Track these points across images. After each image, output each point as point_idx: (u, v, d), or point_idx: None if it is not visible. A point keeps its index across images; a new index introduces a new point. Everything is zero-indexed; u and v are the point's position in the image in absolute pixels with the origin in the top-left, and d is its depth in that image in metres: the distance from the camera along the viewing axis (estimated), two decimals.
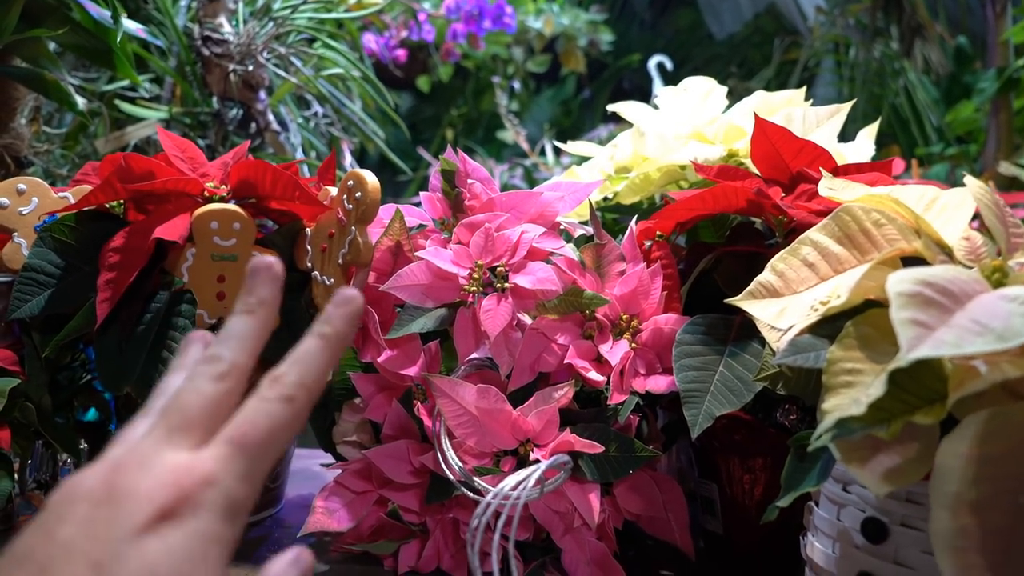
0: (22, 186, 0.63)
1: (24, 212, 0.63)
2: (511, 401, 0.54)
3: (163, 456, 0.24)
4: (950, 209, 0.43)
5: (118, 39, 0.73)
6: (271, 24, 1.03)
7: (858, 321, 0.38)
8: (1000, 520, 0.33)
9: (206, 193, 0.62)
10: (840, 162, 0.61)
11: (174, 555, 0.23)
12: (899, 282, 0.34)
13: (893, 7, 2.23)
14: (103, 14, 0.74)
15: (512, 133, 2.07)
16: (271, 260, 0.29)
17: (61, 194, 0.65)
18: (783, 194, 0.58)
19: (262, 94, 1.05)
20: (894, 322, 0.33)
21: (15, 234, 0.63)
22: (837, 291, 0.42)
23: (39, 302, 0.58)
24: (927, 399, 0.36)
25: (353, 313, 0.29)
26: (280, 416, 0.26)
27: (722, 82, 0.75)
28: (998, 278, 0.38)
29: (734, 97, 0.74)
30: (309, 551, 0.30)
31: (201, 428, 0.25)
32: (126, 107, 1.00)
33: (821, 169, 0.55)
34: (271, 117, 1.06)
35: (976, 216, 0.43)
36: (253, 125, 1.04)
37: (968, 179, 0.43)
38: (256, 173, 0.62)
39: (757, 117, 0.59)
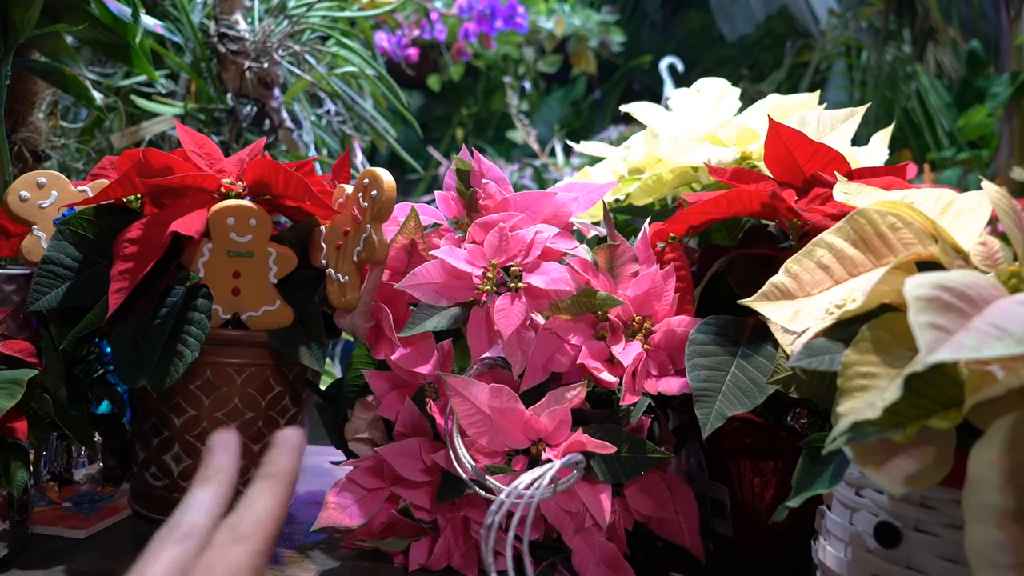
0: (42, 179, 0.64)
1: (44, 205, 0.63)
2: (523, 401, 0.55)
3: None
4: (966, 213, 0.43)
5: (138, 36, 0.74)
6: (286, 22, 1.04)
7: (874, 325, 0.38)
8: None
9: (223, 189, 0.63)
10: (853, 166, 0.61)
11: None
12: (917, 286, 0.34)
13: (906, 10, 2.22)
14: (122, 10, 0.75)
15: (522, 133, 2.08)
16: (227, 435, 0.31)
17: (80, 188, 0.65)
18: (797, 197, 0.58)
19: (276, 91, 1.05)
20: (912, 326, 0.33)
21: (35, 227, 0.63)
22: (852, 295, 0.42)
23: (57, 295, 0.58)
24: (943, 404, 0.36)
25: (292, 447, 0.31)
26: (235, 557, 0.28)
27: (733, 84, 0.75)
28: (1015, 283, 0.38)
29: (745, 100, 0.74)
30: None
31: None
32: (142, 103, 1.01)
33: (836, 173, 0.55)
34: (285, 114, 1.06)
35: (990, 221, 0.43)
36: (267, 122, 1.05)
37: (985, 184, 0.43)
38: (269, 173, 0.62)
39: (771, 120, 0.59)
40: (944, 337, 0.32)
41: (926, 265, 0.41)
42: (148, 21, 0.79)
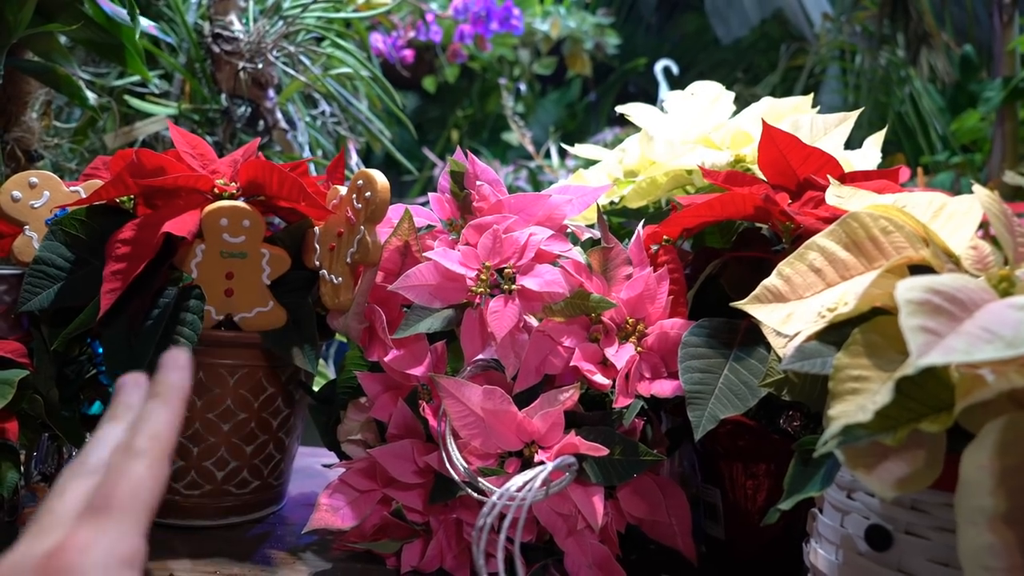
0: (34, 179, 0.63)
1: (36, 205, 0.63)
2: (517, 403, 0.55)
3: (31, 551, 0.25)
4: (957, 217, 0.44)
5: (136, 36, 0.74)
6: (281, 23, 1.04)
7: (865, 328, 0.38)
8: None
9: (216, 190, 0.63)
10: (847, 169, 0.61)
11: None
12: (908, 290, 0.34)
13: (900, 15, 2.23)
14: (115, 10, 0.75)
15: (517, 135, 2.08)
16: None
17: (72, 188, 0.65)
18: (790, 200, 0.58)
19: (271, 92, 1.05)
20: (904, 329, 0.33)
21: (26, 227, 0.63)
22: (844, 298, 0.42)
23: (49, 295, 0.58)
24: (934, 407, 0.36)
25: (180, 365, 0.31)
26: (133, 471, 0.27)
27: (728, 87, 0.76)
28: (1005, 287, 0.39)
29: (740, 103, 0.74)
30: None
31: (70, 517, 0.27)
32: (135, 103, 1.00)
33: (828, 176, 0.55)
34: (279, 115, 1.06)
35: (982, 225, 0.44)
36: (261, 123, 1.05)
37: (976, 187, 0.43)
38: (264, 174, 0.62)
39: (765, 124, 0.59)
40: (935, 340, 0.32)
41: (918, 269, 0.42)
42: (142, 22, 0.79)
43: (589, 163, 0.82)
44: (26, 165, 0.81)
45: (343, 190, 0.63)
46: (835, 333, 0.41)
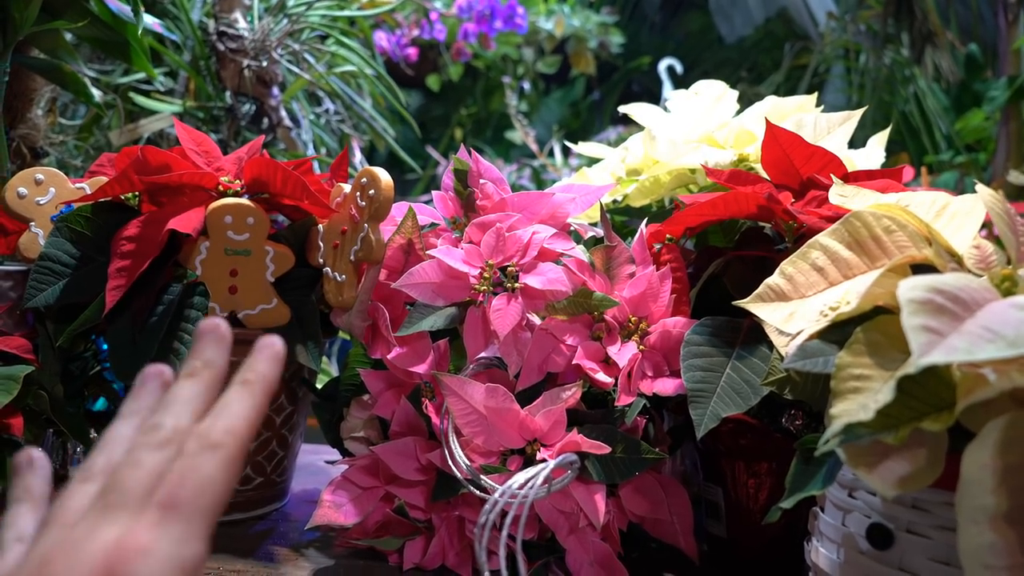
0: (40, 176, 0.64)
1: (41, 202, 0.64)
2: (519, 401, 0.55)
3: (94, 538, 0.23)
4: (960, 217, 0.44)
5: (139, 32, 0.74)
6: (285, 21, 1.04)
7: (867, 327, 0.38)
8: None
9: (221, 187, 0.63)
10: (850, 168, 0.61)
11: None
12: (911, 289, 0.34)
13: (904, 14, 2.22)
14: (121, 8, 0.75)
15: (521, 133, 2.08)
16: (217, 322, 0.29)
17: (78, 185, 0.65)
18: (793, 200, 0.58)
19: (275, 90, 1.05)
20: (905, 328, 0.33)
21: (32, 223, 0.63)
22: (847, 297, 0.43)
23: (54, 291, 0.58)
24: (935, 406, 0.36)
25: (274, 356, 0.29)
26: (208, 467, 0.25)
27: (732, 86, 0.75)
28: (1008, 287, 0.39)
29: (743, 102, 0.74)
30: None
31: (141, 501, 0.24)
32: (140, 100, 1.01)
33: (832, 175, 0.55)
34: (283, 113, 1.06)
35: (985, 225, 0.44)
36: (265, 120, 1.05)
37: (980, 187, 0.43)
38: (268, 172, 0.62)
39: (769, 123, 0.59)
40: (937, 340, 0.33)
41: (920, 268, 0.42)
42: (147, 19, 0.79)
43: (593, 161, 0.82)
44: (32, 162, 0.82)
45: (347, 188, 0.63)
46: (837, 332, 0.41)
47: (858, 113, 0.66)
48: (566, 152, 2.08)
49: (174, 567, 0.23)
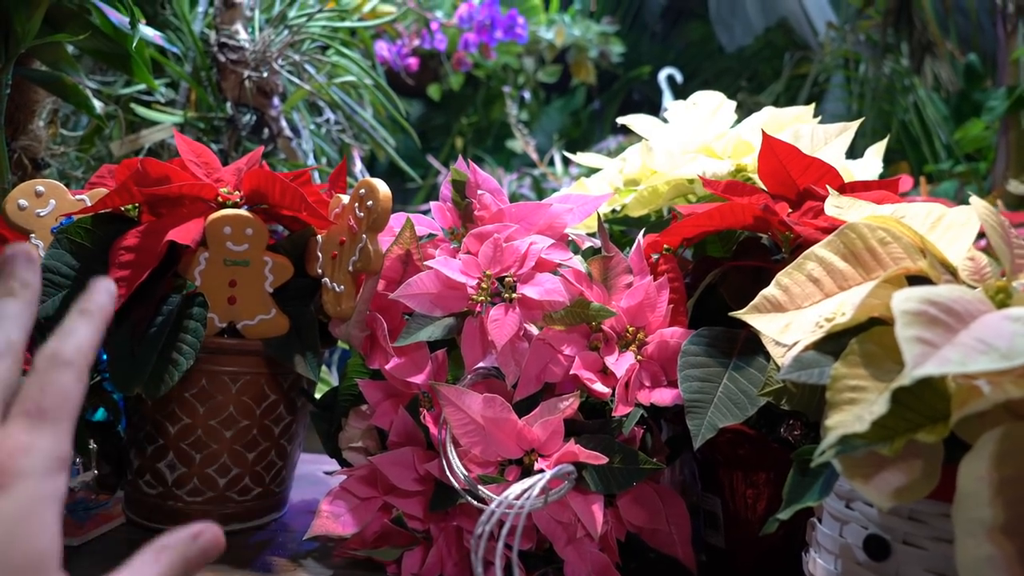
0: (40, 188, 0.64)
1: (42, 214, 0.64)
2: (517, 411, 0.55)
3: None
4: (955, 228, 0.44)
5: (135, 44, 0.75)
6: (286, 32, 1.04)
7: (862, 339, 0.38)
8: None
9: (220, 198, 0.63)
10: (848, 179, 0.62)
11: (7, 519, 0.26)
12: (904, 300, 0.34)
13: (904, 24, 2.23)
14: (122, 20, 0.76)
15: (521, 143, 2.09)
16: (26, 246, 0.32)
17: (78, 197, 0.65)
18: (790, 210, 0.58)
19: (276, 100, 1.06)
20: (899, 340, 0.33)
21: (32, 235, 0.64)
22: (842, 308, 0.43)
23: (54, 303, 0.59)
24: (930, 418, 0.36)
25: (107, 290, 0.32)
26: (64, 379, 0.28)
27: (732, 96, 0.76)
28: (1002, 298, 0.39)
29: (743, 111, 0.74)
30: (216, 530, 0.32)
31: None
32: (142, 111, 1.01)
33: (828, 187, 0.55)
34: (284, 123, 1.07)
35: (981, 235, 0.44)
36: (266, 131, 1.05)
37: (974, 199, 0.44)
38: (266, 183, 0.63)
39: (765, 134, 0.59)
40: (931, 351, 0.33)
41: (915, 279, 0.42)
42: (147, 32, 0.80)
43: (592, 171, 0.82)
44: (33, 173, 0.82)
45: (345, 199, 0.63)
46: (833, 343, 0.41)
47: (855, 124, 0.67)
48: (566, 161, 2.09)
49: (53, 459, 0.27)
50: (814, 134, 0.67)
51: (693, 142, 0.73)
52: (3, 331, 0.29)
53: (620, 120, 0.77)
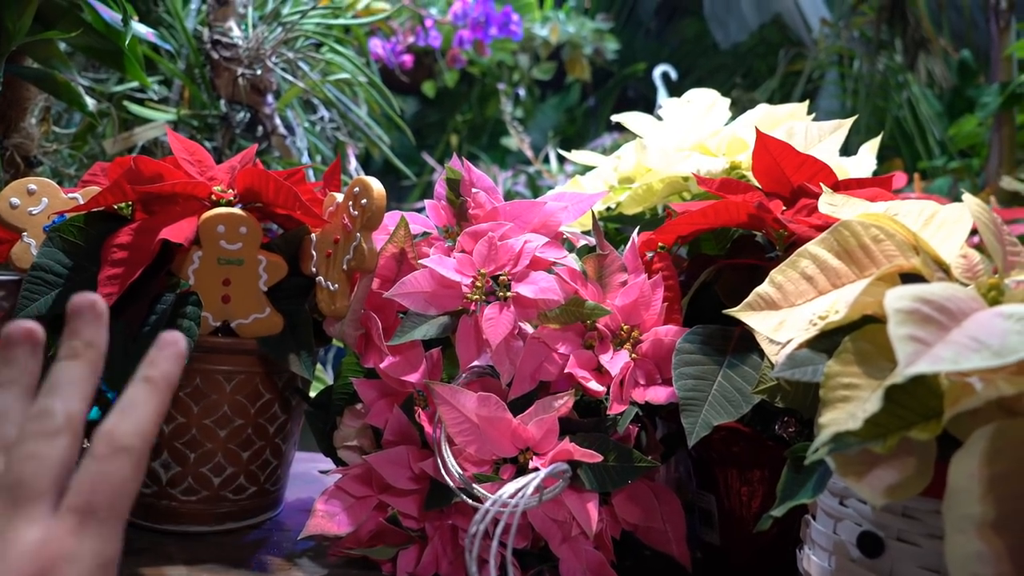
0: (32, 186, 0.64)
1: (34, 212, 0.64)
2: (511, 409, 0.55)
3: (17, 536, 0.24)
4: (948, 226, 0.44)
5: (127, 41, 0.74)
6: (280, 29, 1.04)
7: (856, 337, 0.38)
8: (1015, 542, 0.32)
9: (213, 197, 0.63)
10: (842, 176, 0.62)
11: None
12: (897, 299, 0.34)
13: (897, 20, 2.23)
14: (114, 17, 0.75)
15: (516, 140, 2.08)
16: (93, 299, 0.28)
17: (71, 195, 0.65)
18: (784, 208, 0.59)
19: (270, 98, 1.05)
20: (892, 338, 0.33)
21: (24, 234, 0.63)
22: (835, 306, 0.43)
23: (47, 302, 0.58)
24: (923, 415, 0.36)
25: (177, 353, 0.28)
26: (120, 471, 0.26)
27: (726, 92, 0.76)
28: (994, 296, 0.39)
29: (738, 107, 0.74)
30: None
31: (50, 494, 0.25)
32: (135, 108, 1.01)
33: (821, 184, 0.55)
34: (278, 121, 1.06)
35: (974, 232, 0.44)
36: (260, 129, 1.05)
37: (966, 196, 0.44)
38: (260, 182, 0.63)
39: (759, 132, 0.59)
40: (923, 349, 0.33)
41: (908, 277, 0.42)
42: (140, 29, 0.80)
43: (587, 168, 0.82)
44: (25, 171, 0.82)
45: (340, 197, 0.63)
46: (826, 341, 0.41)
47: (848, 121, 0.67)
48: (561, 159, 2.09)
49: (98, 568, 0.25)
50: (808, 131, 0.67)
51: (688, 139, 0.73)
52: (63, 401, 0.26)
53: (615, 118, 0.77)
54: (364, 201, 0.59)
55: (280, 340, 0.63)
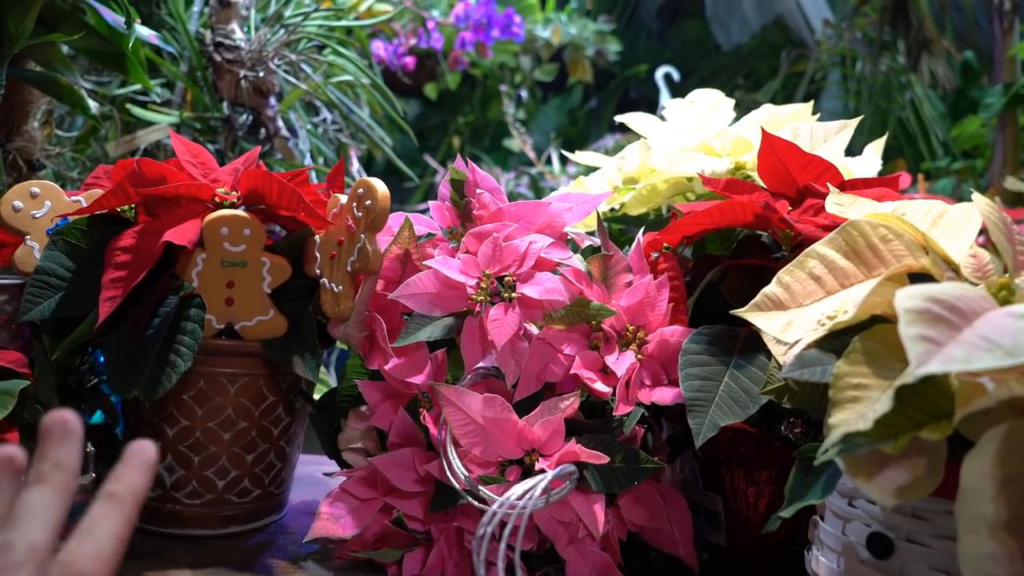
0: (36, 190, 0.64)
1: (37, 215, 0.63)
2: (517, 411, 0.55)
3: None
4: (956, 225, 0.44)
5: (130, 44, 0.74)
6: (282, 31, 1.04)
7: (865, 336, 0.38)
8: None
9: (217, 199, 0.63)
10: (847, 176, 0.62)
11: None
12: (908, 298, 0.34)
13: (900, 21, 2.23)
14: (117, 19, 0.75)
15: (518, 141, 2.08)
16: (65, 416, 0.27)
17: (73, 198, 0.65)
18: (790, 208, 0.58)
19: (272, 100, 1.05)
20: (903, 338, 0.33)
21: (28, 237, 0.63)
22: (844, 306, 0.42)
23: (50, 305, 0.58)
24: (934, 415, 0.36)
25: (144, 462, 0.27)
26: None
27: (728, 94, 0.76)
28: (1005, 295, 0.39)
29: (740, 109, 0.74)
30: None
31: None
32: (137, 111, 1.01)
33: (828, 184, 0.55)
34: (280, 123, 1.06)
35: (982, 231, 0.44)
36: (263, 131, 1.05)
37: (975, 195, 0.43)
38: (263, 184, 0.62)
39: (764, 131, 0.59)
40: (934, 349, 0.32)
41: (917, 277, 0.42)
42: (143, 32, 0.80)
43: (590, 170, 0.82)
44: (28, 175, 0.82)
45: (343, 199, 0.63)
46: (835, 341, 0.41)
47: (854, 122, 0.67)
48: (564, 160, 2.09)
49: None
50: (813, 132, 0.66)
51: (692, 140, 0.73)
52: (25, 532, 0.25)
53: (618, 118, 0.77)
54: (368, 202, 0.59)
55: (284, 342, 0.63)
